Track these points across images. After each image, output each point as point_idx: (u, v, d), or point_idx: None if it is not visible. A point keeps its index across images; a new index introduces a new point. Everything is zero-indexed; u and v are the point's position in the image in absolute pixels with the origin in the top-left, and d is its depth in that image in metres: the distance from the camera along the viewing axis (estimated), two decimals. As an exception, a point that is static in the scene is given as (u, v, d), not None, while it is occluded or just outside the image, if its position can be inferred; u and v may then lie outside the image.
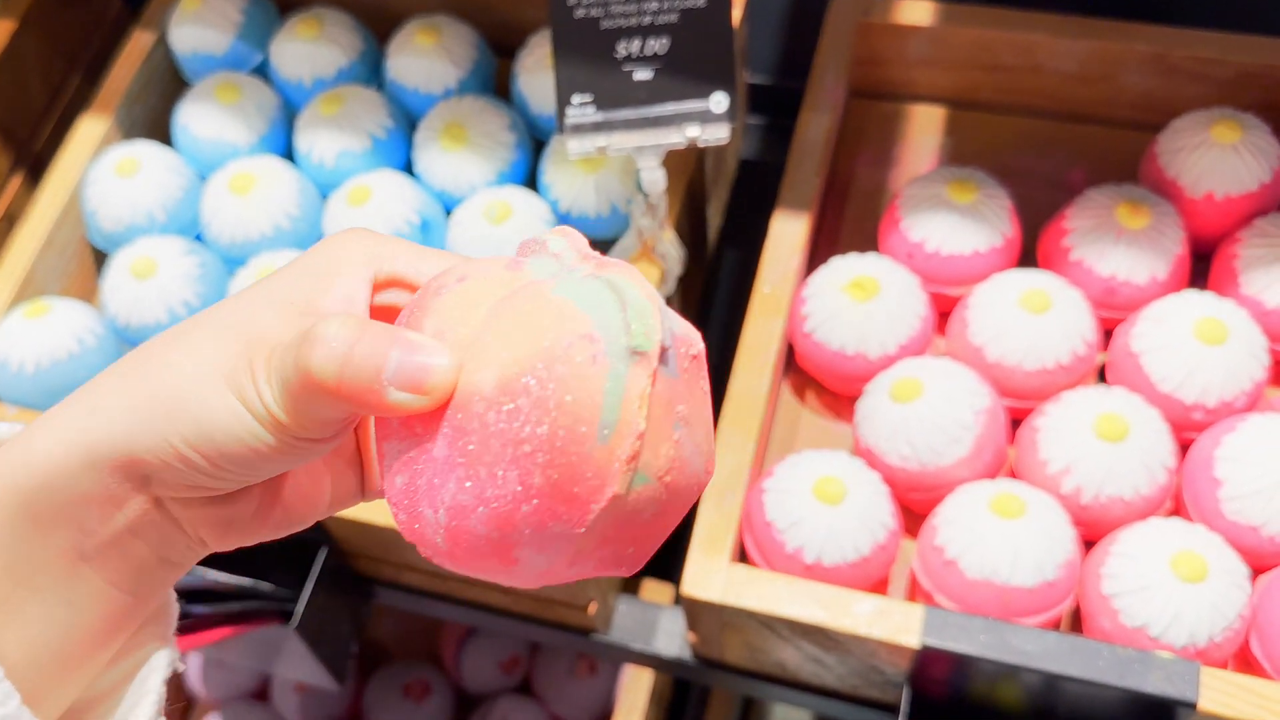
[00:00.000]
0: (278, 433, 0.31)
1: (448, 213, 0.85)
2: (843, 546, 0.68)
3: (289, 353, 0.30)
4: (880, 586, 0.72)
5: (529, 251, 0.33)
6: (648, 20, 0.72)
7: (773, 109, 0.96)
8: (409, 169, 0.88)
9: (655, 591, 0.86)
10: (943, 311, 0.80)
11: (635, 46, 0.72)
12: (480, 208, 0.81)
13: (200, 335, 0.32)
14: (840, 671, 0.72)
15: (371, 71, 0.92)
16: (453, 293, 0.31)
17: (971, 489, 0.69)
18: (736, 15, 0.81)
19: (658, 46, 0.72)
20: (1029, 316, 0.72)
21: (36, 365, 0.79)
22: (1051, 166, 0.87)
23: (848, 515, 0.68)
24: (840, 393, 0.79)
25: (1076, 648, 0.62)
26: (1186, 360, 0.70)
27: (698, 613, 0.70)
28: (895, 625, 0.64)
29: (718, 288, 0.95)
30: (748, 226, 0.91)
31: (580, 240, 0.33)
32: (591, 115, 0.72)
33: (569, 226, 0.34)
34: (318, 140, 0.86)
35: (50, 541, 0.32)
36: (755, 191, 0.94)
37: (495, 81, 0.93)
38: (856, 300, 0.74)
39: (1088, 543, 0.70)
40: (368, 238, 0.35)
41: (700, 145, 0.73)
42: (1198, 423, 0.71)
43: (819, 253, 0.83)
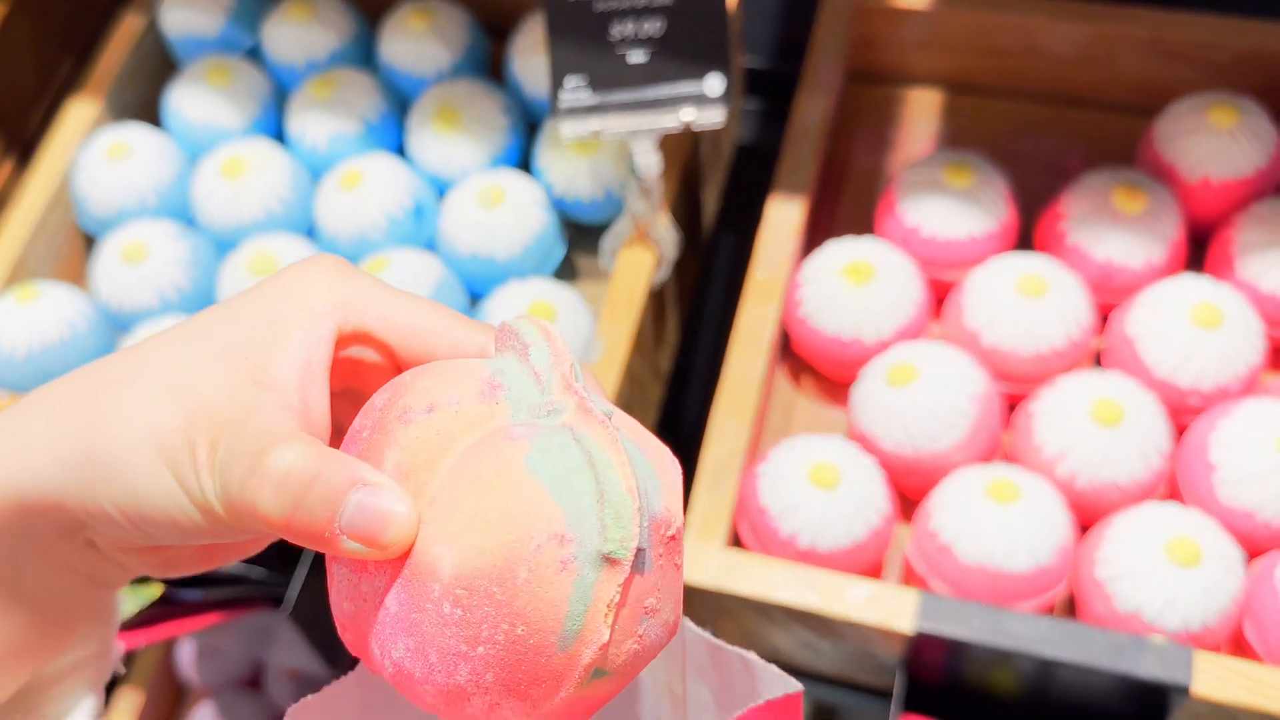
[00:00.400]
0: (211, 521, 0.29)
1: (441, 196, 0.85)
2: (837, 531, 0.68)
3: (237, 462, 0.28)
4: (875, 571, 0.72)
5: (506, 346, 0.31)
6: (642, 2, 0.71)
7: (769, 92, 0.96)
8: (402, 152, 0.88)
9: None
10: (939, 296, 0.79)
11: (629, 29, 0.71)
12: (474, 191, 0.80)
13: (138, 392, 0.30)
14: (834, 656, 0.72)
15: (364, 54, 0.92)
16: (419, 426, 0.29)
17: (966, 474, 0.69)
18: (732, -2, 0.80)
19: (652, 29, 0.71)
20: (1025, 301, 0.72)
21: (28, 350, 0.79)
22: (1048, 151, 0.87)
23: (842, 500, 0.68)
24: (835, 378, 0.79)
25: (1071, 632, 0.62)
26: (1182, 345, 0.70)
27: (691, 598, 0.70)
28: (889, 610, 0.64)
29: (713, 272, 0.94)
30: (743, 211, 0.90)
31: (563, 352, 0.31)
32: (585, 98, 0.72)
33: (550, 326, 0.31)
34: (310, 123, 0.86)
35: None
36: (751, 175, 0.93)
37: (489, 64, 0.92)
38: (853, 285, 0.74)
39: (1082, 527, 0.70)
40: (336, 277, 0.32)
41: (695, 129, 0.72)
42: (1193, 407, 0.71)
43: (815, 237, 0.82)
